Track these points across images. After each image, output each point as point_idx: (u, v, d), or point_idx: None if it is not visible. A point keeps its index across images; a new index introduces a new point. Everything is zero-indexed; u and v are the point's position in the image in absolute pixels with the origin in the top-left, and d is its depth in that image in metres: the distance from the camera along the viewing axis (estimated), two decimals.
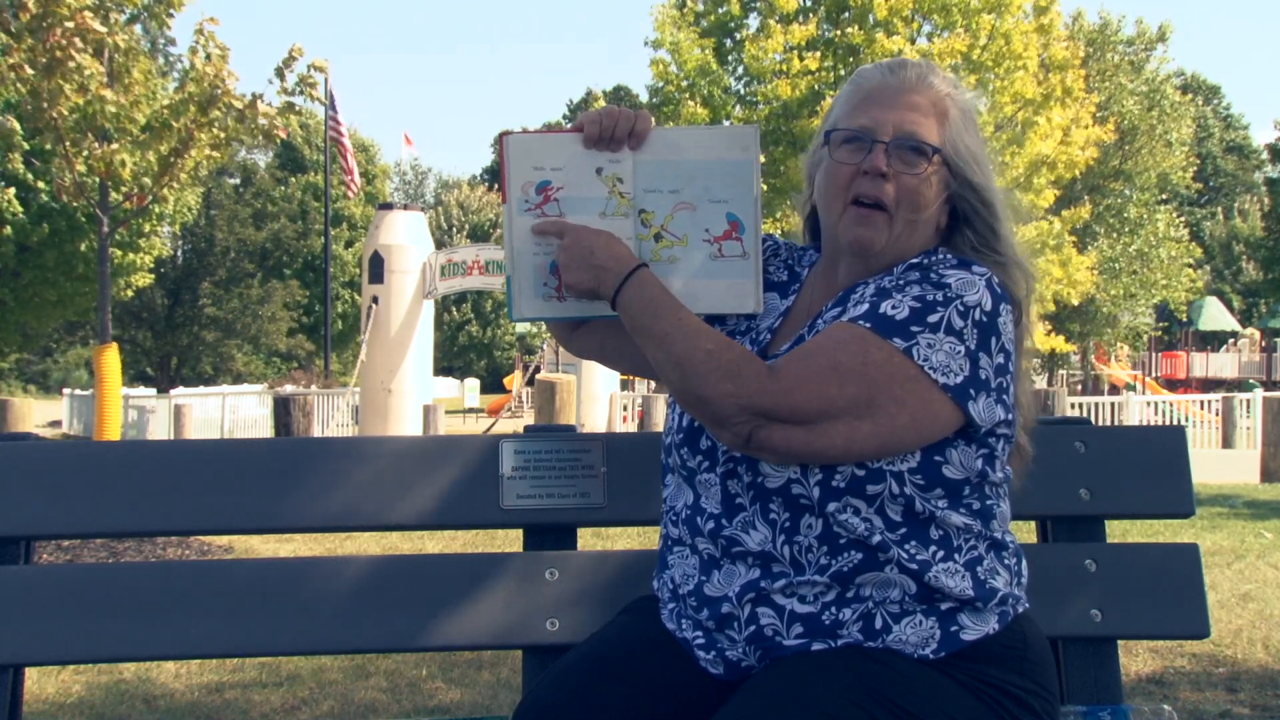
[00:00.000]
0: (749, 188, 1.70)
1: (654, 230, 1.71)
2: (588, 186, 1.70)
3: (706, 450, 1.64)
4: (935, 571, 1.55)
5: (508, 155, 1.70)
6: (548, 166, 1.70)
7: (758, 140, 1.72)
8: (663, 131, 1.72)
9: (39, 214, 23.87)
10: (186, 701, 3.81)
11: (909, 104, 1.63)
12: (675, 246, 1.71)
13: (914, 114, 1.62)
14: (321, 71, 9.45)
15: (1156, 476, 2.09)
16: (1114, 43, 27.94)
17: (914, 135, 1.61)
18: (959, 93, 1.68)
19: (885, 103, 1.63)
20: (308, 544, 6.62)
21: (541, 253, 1.71)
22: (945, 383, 1.52)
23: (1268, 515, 8.07)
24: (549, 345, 23.30)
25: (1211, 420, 21.02)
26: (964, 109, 1.67)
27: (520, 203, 1.70)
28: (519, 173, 1.70)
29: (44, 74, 8.05)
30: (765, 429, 1.50)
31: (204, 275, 37.79)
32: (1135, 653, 4.11)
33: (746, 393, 1.49)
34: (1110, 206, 26.78)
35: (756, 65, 19.09)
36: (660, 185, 1.70)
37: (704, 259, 1.71)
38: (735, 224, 1.71)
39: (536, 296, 1.72)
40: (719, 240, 1.71)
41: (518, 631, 1.99)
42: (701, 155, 1.70)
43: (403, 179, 59.92)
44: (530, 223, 1.70)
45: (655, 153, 1.70)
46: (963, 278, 1.57)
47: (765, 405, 1.49)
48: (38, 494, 1.98)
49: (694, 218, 1.71)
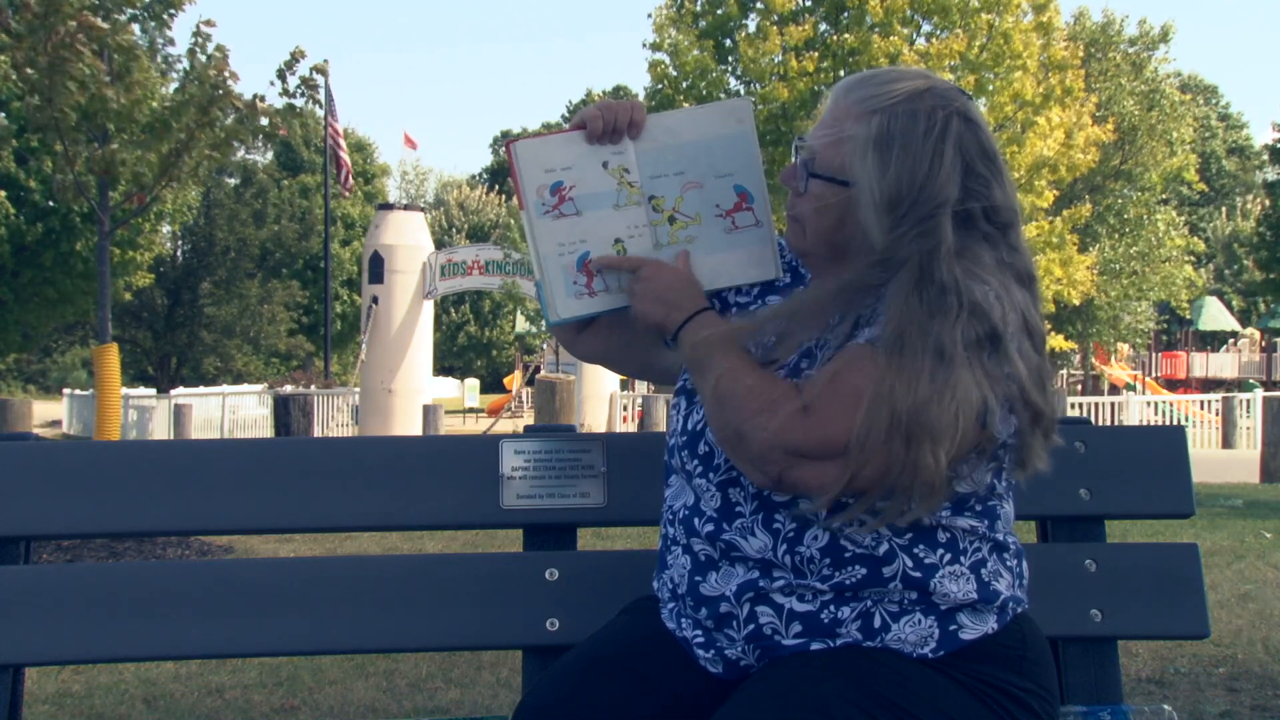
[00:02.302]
0: (751, 157, 1.73)
1: (667, 214, 1.73)
2: (598, 181, 1.72)
3: (704, 455, 1.65)
4: (940, 578, 1.55)
5: (517, 162, 1.71)
6: (558, 167, 1.71)
7: (751, 111, 1.76)
8: (658, 118, 1.74)
9: (33, 214, 23.85)
10: (186, 701, 3.81)
11: (824, 120, 1.66)
12: (690, 226, 1.73)
13: (821, 129, 1.65)
14: (322, 74, 9.47)
15: (1156, 476, 2.09)
16: (1116, 42, 27.94)
17: (812, 151, 1.64)
18: (904, 108, 1.59)
19: (818, 118, 1.67)
20: (308, 544, 6.62)
21: (567, 252, 1.72)
22: None
23: (1268, 515, 8.08)
24: (549, 345, 23.30)
25: (1211, 420, 21.04)
26: (900, 125, 1.58)
27: (538, 207, 1.71)
28: (531, 178, 1.71)
29: (47, 73, 8.04)
30: (797, 468, 1.48)
31: (204, 275, 37.77)
32: (1135, 653, 4.11)
33: (778, 427, 1.48)
34: (1110, 206, 26.78)
35: (755, 67, 19.09)
36: (665, 170, 1.73)
37: (720, 233, 1.73)
38: (744, 195, 1.74)
39: (569, 296, 1.73)
40: (731, 213, 1.73)
41: (518, 631, 1.99)
42: (699, 134, 1.73)
43: (403, 179, 59.92)
44: (550, 225, 1.72)
45: (655, 139, 1.73)
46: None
47: (795, 440, 1.47)
48: (38, 494, 1.98)
49: (703, 195, 1.73)
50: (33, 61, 8.09)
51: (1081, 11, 29.22)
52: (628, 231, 1.73)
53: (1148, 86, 27.80)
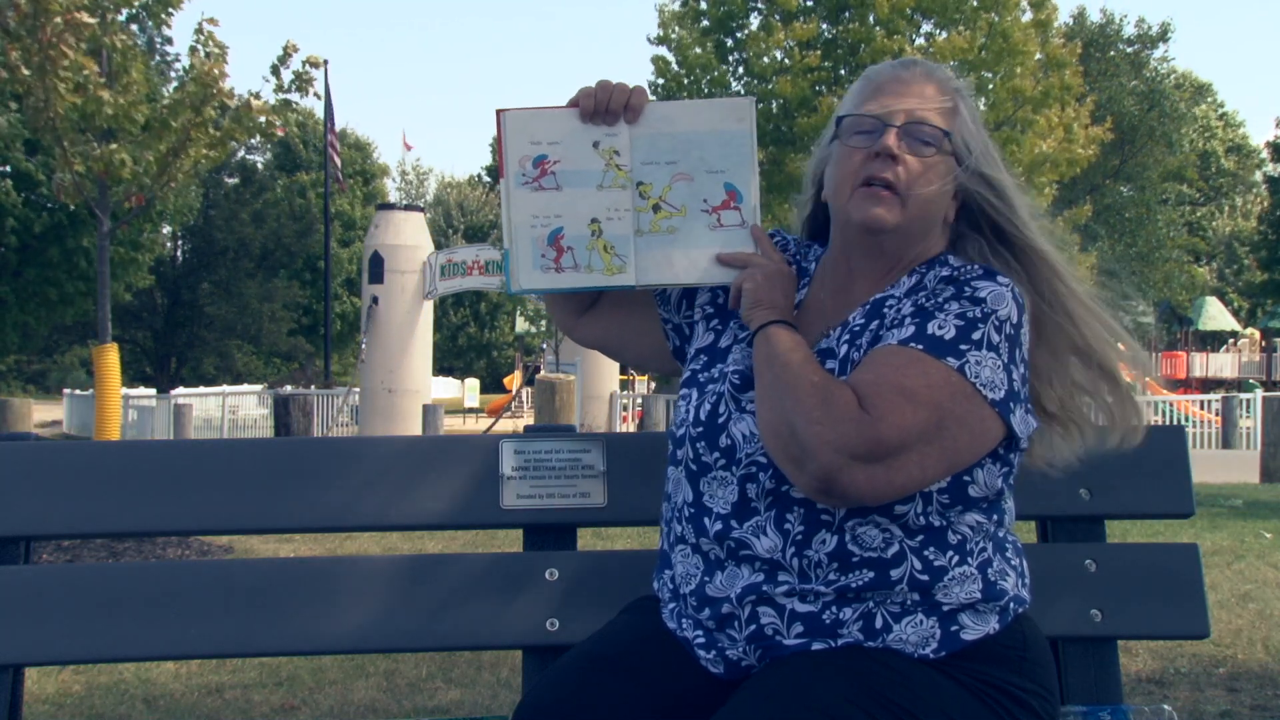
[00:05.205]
0: (746, 157, 1.72)
1: (652, 202, 1.73)
2: (584, 160, 1.72)
3: (726, 448, 1.63)
4: (946, 581, 1.55)
5: (505, 130, 1.72)
6: (544, 141, 1.72)
7: (754, 111, 1.75)
8: (658, 105, 1.73)
9: (40, 208, 23.88)
10: (186, 701, 3.81)
11: (919, 93, 1.65)
12: (674, 217, 1.73)
13: (924, 102, 1.64)
14: (317, 67, 9.44)
15: (1156, 476, 2.09)
16: (1114, 40, 27.95)
17: (925, 120, 1.63)
18: (966, 89, 1.70)
19: (896, 92, 1.65)
20: (308, 544, 6.61)
21: (539, 225, 1.72)
22: (992, 398, 1.53)
23: (1268, 515, 8.07)
24: (549, 345, 23.29)
25: (1211, 420, 21.02)
26: (970, 105, 1.70)
27: (518, 176, 1.72)
28: (516, 147, 1.72)
29: (38, 74, 8.03)
30: (849, 471, 1.46)
31: (204, 275, 37.78)
32: (1135, 653, 4.11)
33: (834, 420, 1.46)
34: (1110, 206, 26.79)
35: (759, 64, 19.10)
36: (657, 157, 1.72)
37: (703, 229, 1.73)
38: (733, 193, 1.73)
39: (535, 268, 1.73)
40: (718, 210, 1.73)
41: (518, 631, 1.99)
42: (697, 127, 1.72)
43: (403, 179, 59.90)
44: (527, 196, 1.72)
45: (651, 125, 1.72)
46: (994, 290, 1.58)
47: (850, 440, 1.46)
48: (38, 494, 1.98)
49: (692, 188, 1.72)
50: (27, 62, 8.08)
51: (1080, 11, 29.25)
52: (607, 214, 1.73)
53: (1147, 86, 27.81)
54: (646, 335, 1.88)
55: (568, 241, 1.73)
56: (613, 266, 1.74)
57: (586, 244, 1.73)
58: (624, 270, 1.74)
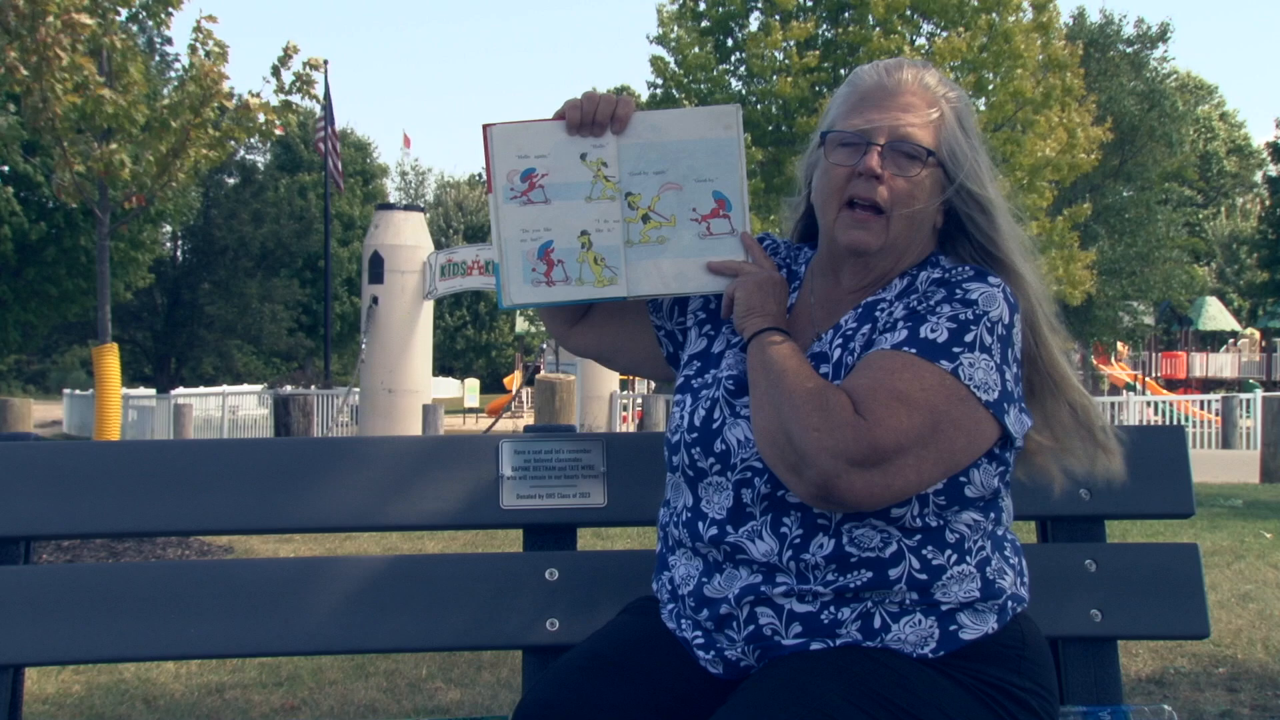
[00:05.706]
0: (734, 165, 1.72)
1: (641, 212, 1.73)
2: (572, 172, 1.72)
3: (720, 454, 1.63)
4: (945, 580, 1.56)
5: (491, 145, 1.72)
6: (532, 154, 1.72)
7: (740, 118, 1.74)
8: (645, 115, 1.73)
9: (39, 210, 23.87)
10: (186, 701, 3.81)
11: (903, 105, 1.63)
12: (664, 227, 1.73)
13: (908, 116, 1.62)
14: (317, 69, 9.44)
15: (1156, 476, 2.09)
16: (1114, 40, 27.96)
17: (908, 138, 1.62)
18: (955, 93, 1.68)
19: (881, 105, 1.63)
20: (308, 544, 6.61)
21: (529, 239, 1.72)
22: (986, 399, 1.53)
23: (1268, 515, 8.07)
24: (549, 345, 23.32)
25: (1211, 420, 21.02)
26: (959, 111, 1.67)
27: (506, 191, 1.72)
28: (503, 162, 1.72)
29: (35, 75, 8.03)
30: (846, 477, 1.46)
31: (204, 275, 37.78)
32: (1135, 653, 4.11)
33: (830, 427, 1.47)
34: (1110, 206, 26.79)
35: (758, 64, 19.10)
36: (645, 167, 1.72)
37: (693, 238, 1.73)
38: (722, 202, 1.73)
39: (526, 283, 1.74)
40: (707, 219, 1.73)
41: (518, 631, 1.99)
42: (685, 135, 1.72)
43: (403, 179, 59.90)
44: (516, 210, 1.72)
45: (639, 135, 1.72)
46: (985, 291, 1.58)
47: (847, 446, 1.46)
48: (38, 494, 1.98)
49: (681, 198, 1.72)
50: (25, 62, 8.08)
51: (1080, 11, 29.27)
52: (596, 225, 1.72)
53: (1147, 86, 27.82)
54: (640, 343, 1.88)
55: (558, 254, 1.73)
56: (604, 278, 1.74)
57: (577, 256, 1.73)
58: (615, 281, 1.74)
